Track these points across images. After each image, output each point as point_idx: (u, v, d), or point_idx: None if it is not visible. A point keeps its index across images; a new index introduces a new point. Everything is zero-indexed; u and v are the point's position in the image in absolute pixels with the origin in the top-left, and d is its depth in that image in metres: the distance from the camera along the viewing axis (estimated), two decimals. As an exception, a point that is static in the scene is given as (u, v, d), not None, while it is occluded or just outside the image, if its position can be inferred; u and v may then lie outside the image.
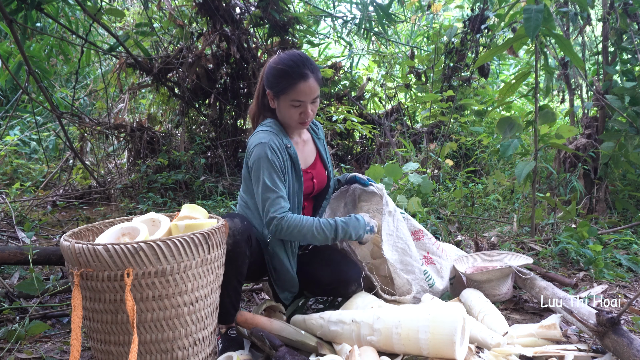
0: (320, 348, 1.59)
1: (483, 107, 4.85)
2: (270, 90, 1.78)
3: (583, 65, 3.68)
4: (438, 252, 2.16)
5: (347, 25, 5.54)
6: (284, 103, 1.76)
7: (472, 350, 1.51)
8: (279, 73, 1.74)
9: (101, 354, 1.42)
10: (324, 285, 1.87)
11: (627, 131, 3.21)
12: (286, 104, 1.76)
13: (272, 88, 1.77)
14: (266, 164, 1.69)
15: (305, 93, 1.73)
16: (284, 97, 1.75)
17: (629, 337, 1.40)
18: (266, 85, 1.80)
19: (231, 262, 1.61)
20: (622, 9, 3.38)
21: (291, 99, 1.74)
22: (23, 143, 5.47)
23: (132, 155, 4.76)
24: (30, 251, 2.07)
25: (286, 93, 1.74)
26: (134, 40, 4.33)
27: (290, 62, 1.73)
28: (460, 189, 3.48)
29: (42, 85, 3.67)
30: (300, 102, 1.74)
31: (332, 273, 1.85)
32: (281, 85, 1.74)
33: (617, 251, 2.68)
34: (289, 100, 1.75)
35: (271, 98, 1.80)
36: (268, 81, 1.78)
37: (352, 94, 5.33)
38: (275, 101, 1.79)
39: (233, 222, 1.62)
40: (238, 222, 1.62)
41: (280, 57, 1.78)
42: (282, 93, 1.75)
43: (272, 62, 1.79)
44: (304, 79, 1.72)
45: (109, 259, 1.29)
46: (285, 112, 1.78)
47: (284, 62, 1.75)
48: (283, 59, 1.76)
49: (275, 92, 1.77)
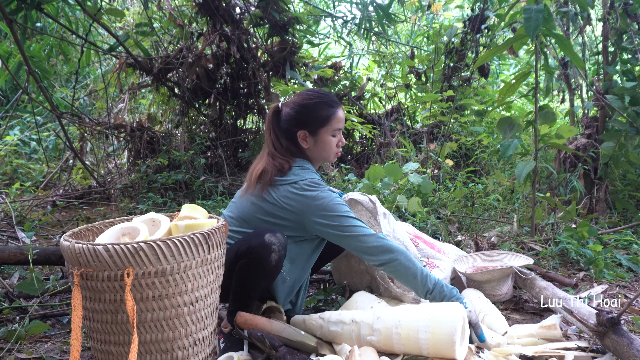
0: (320, 348, 1.59)
1: (483, 107, 4.85)
2: (305, 129, 1.75)
3: (583, 65, 3.68)
4: (437, 254, 2.16)
5: (347, 25, 5.54)
6: (324, 136, 1.75)
7: (472, 350, 1.51)
8: (316, 106, 1.74)
9: (101, 354, 1.42)
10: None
11: (627, 131, 3.21)
12: (326, 136, 1.75)
13: (310, 125, 1.75)
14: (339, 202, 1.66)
15: (342, 120, 1.78)
16: (325, 130, 1.75)
17: (629, 337, 1.40)
18: (297, 126, 1.75)
19: (267, 275, 1.60)
20: (622, 9, 3.38)
21: (333, 128, 1.75)
22: (23, 143, 5.48)
23: (132, 155, 4.76)
24: (30, 251, 2.07)
25: (328, 124, 1.74)
26: (134, 40, 4.33)
27: (319, 94, 1.76)
28: (460, 189, 3.48)
29: (42, 85, 3.67)
30: (339, 129, 1.77)
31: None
32: (322, 117, 1.74)
33: (617, 251, 2.68)
34: (331, 131, 1.75)
35: (304, 137, 1.76)
36: (301, 120, 1.75)
37: (352, 94, 5.33)
38: (312, 138, 1.76)
39: (277, 237, 1.56)
40: (281, 237, 1.57)
41: (304, 94, 1.78)
42: (322, 126, 1.74)
43: (298, 101, 1.76)
44: (339, 106, 1.77)
45: (109, 259, 1.29)
46: (326, 145, 1.77)
47: (313, 95, 1.76)
48: (308, 95, 1.77)
49: (313, 128, 1.75)
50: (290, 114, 1.76)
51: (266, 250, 1.54)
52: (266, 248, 1.54)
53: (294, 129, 1.76)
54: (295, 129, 1.76)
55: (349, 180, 3.87)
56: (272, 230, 1.59)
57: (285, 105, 1.80)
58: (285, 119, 1.78)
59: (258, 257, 1.54)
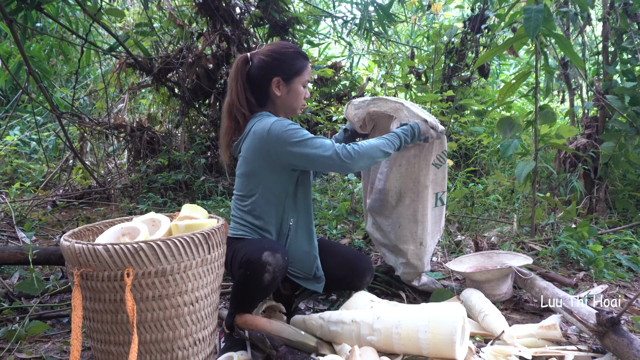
0: (320, 348, 1.59)
1: (483, 107, 4.84)
2: (279, 76, 1.75)
3: (583, 65, 3.68)
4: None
5: (347, 25, 5.54)
6: (296, 86, 1.77)
7: (472, 350, 1.52)
8: (293, 55, 1.76)
9: (101, 354, 1.42)
10: (338, 280, 1.88)
11: (627, 131, 3.21)
12: (298, 87, 1.78)
13: (285, 72, 1.75)
14: (294, 127, 1.65)
15: (310, 73, 1.82)
16: (298, 80, 1.77)
17: (629, 337, 1.40)
18: (273, 73, 1.75)
19: (261, 291, 1.59)
20: (622, 9, 3.38)
21: (305, 79, 1.78)
22: (23, 143, 5.48)
23: (132, 155, 4.76)
24: (30, 251, 2.07)
25: (301, 74, 1.77)
26: (134, 40, 4.33)
27: (294, 46, 1.80)
28: (460, 189, 3.48)
29: (42, 85, 3.68)
30: (308, 82, 1.81)
31: (344, 266, 1.87)
32: (296, 67, 1.76)
33: (617, 251, 2.68)
34: (302, 81, 1.78)
35: (278, 85, 1.76)
36: (278, 67, 1.75)
37: (352, 94, 5.33)
38: (285, 87, 1.77)
39: (275, 258, 1.54)
40: (280, 259, 1.55)
41: (278, 44, 1.80)
42: (296, 75, 1.76)
43: (275, 49, 1.77)
44: (309, 60, 1.81)
45: (109, 259, 1.29)
46: (298, 94, 1.79)
47: (288, 46, 1.79)
48: (284, 45, 1.79)
49: (287, 76, 1.76)
50: (265, 61, 1.75)
51: (261, 269, 1.53)
52: (261, 266, 1.53)
53: (268, 76, 1.76)
54: (270, 76, 1.75)
55: (349, 180, 3.87)
56: (273, 249, 1.56)
57: (256, 54, 1.79)
58: (258, 66, 1.76)
59: (252, 274, 1.54)
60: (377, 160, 1.74)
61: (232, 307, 1.68)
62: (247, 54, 1.81)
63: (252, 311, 1.69)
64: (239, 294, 1.63)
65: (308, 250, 1.81)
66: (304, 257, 1.80)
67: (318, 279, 1.86)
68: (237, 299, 1.65)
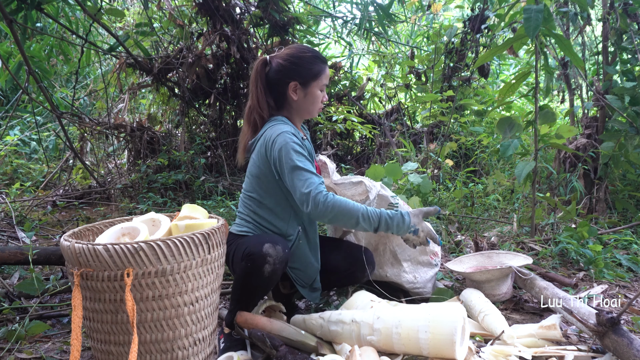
0: (320, 348, 1.59)
1: (483, 107, 4.85)
2: (297, 80, 1.75)
3: (583, 65, 3.68)
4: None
5: (347, 25, 5.54)
6: (314, 90, 1.77)
7: (472, 350, 1.52)
8: (310, 59, 1.76)
9: (101, 354, 1.42)
10: (341, 272, 1.89)
11: (627, 131, 3.21)
12: (315, 90, 1.77)
13: (302, 77, 1.75)
14: (295, 148, 1.63)
15: (329, 77, 1.81)
16: (315, 84, 1.76)
17: (629, 337, 1.40)
18: (290, 76, 1.75)
19: (262, 285, 1.59)
20: (622, 9, 3.38)
21: (322, 83, 1.78)
22: (23, 143, 5.47)
23: (132, 155, 4.76)
24: (30, 251, 2.07)
25: (319, 78, 1.76)
26: (134, 40, 4.33)
27: (312, 50, 1.80)
28: (460, 189, 3.48)
29: (42, 85, 3.67)
30: (326, 86, 1.80)
31: (346, 259, 1.88)
32: (314, 71, 1.75)
33: (617, 251, 2.68)
34: (320, 85, 1.77)
35: (295, 89, 1.76)
36: (295, 71, 1.75)
37: (352, 94, 5.33)
38: (302, 91, 1.76)
39: (275, 250, 1.55)
40: (280, 251, 1.56)
41: (296, 47, 1.79)
42: (314, 79, 1.76)
43: (292, 52, 1.77)
44: (327, 64, 1.81)
45: (109, 259, 1.29)
46: (315, 98, 1.78)
47: (306, 49, 1.78)
48: (303, 48, 1.79)
49: (305, 80, 1.75)
50: (283, 65, 1.76)
51: (261, 260, 1.53)
52: (262, 258, 1.53)
53: (286, 80, 1.76)
54: (288, 80, 1.76)
55: (349, 180, 3.87)
56: (274, 241, 1.57)
57: (275, 57, 1.79)
58: (276, 69, 1.76)
59: (253, 265, 1.54)
60: (347, 225, 1.62)
61: (233, 304, 1.68)
62: (267, 56, 1.80)
63: (252, 309, 1.69)
64: (239, 289, 1.63)
65: (311, 261, 1.82)
66: (306, 267, 1.81)
67: (315, 289, 1.87)
68: (238, 295, 1.65)
